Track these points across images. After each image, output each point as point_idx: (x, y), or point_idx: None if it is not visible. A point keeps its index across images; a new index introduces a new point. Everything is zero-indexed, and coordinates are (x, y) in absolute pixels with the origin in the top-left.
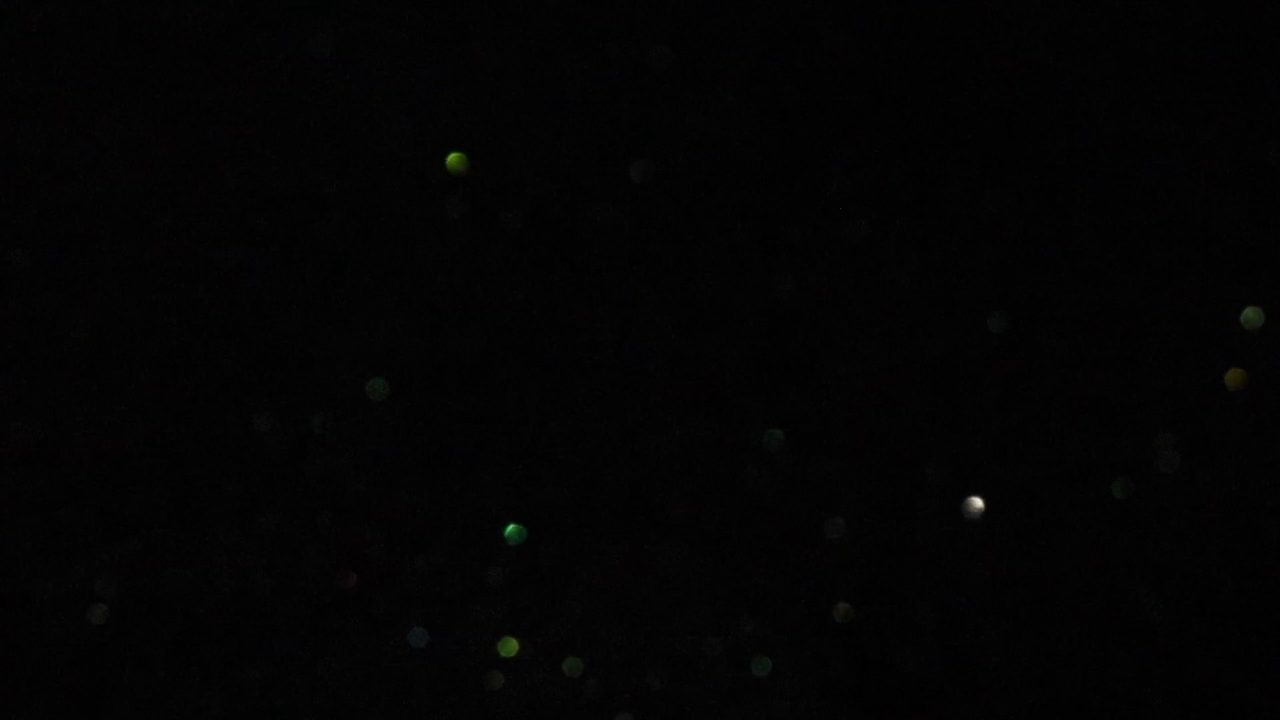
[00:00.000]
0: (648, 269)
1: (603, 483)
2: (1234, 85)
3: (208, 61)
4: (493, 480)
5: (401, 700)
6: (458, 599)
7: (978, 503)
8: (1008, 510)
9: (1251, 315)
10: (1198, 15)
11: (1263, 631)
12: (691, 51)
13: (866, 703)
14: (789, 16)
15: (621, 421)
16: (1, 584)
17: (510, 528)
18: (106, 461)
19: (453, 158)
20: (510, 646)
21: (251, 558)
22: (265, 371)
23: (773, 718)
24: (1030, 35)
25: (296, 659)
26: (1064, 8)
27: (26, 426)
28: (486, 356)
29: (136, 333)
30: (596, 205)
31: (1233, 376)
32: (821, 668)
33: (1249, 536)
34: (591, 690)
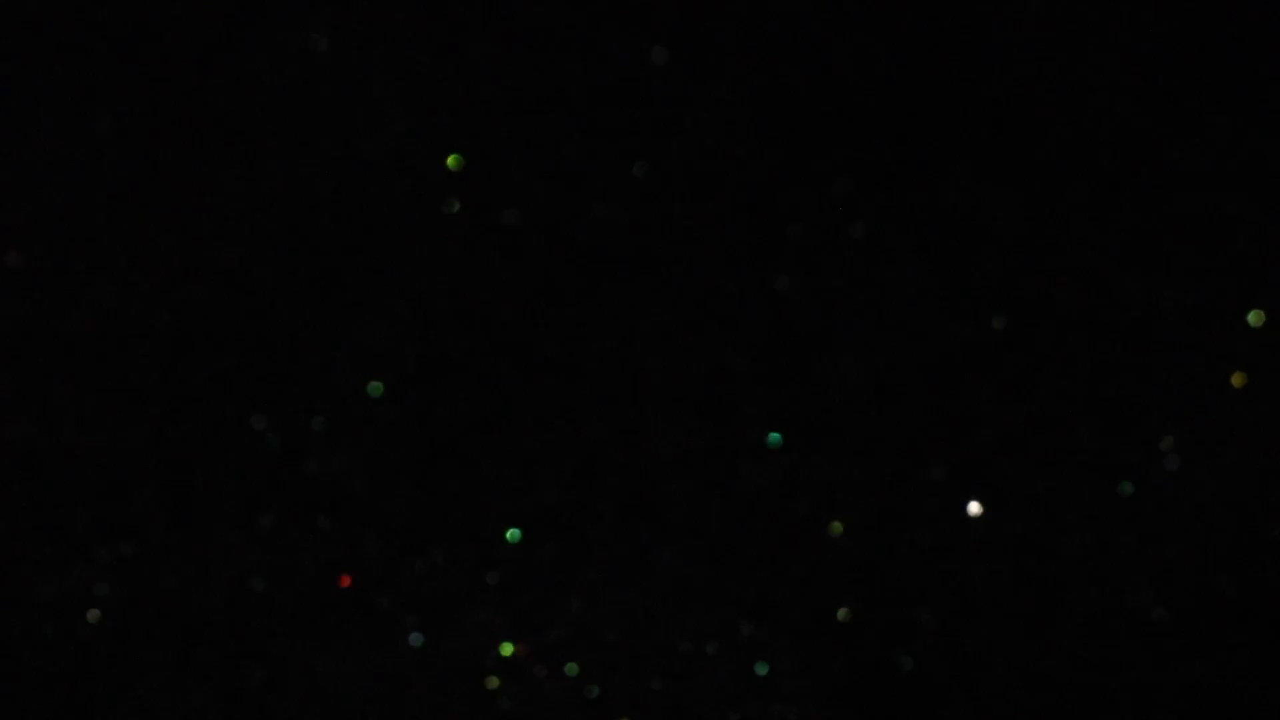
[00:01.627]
0: (648, 269)
1: (603, 483)
2: (1234, 85)
3: (208, 61)
4: (492, 480)
5: (401, 700)
6: (457, 600)
7: (975, 506)
8: (1008, 510)
9: (1251, 319)
10: (1197, 15)
11: (1263, 631)
12: (691, 51)
13: (866, 703)
14: (789, 16)
15: (621, 421)
16: (0, 584)
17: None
18: (105, 461)
19: (452, 159)
20: (509, 647)
21: (250, 558)
22: (264, 371)
23: (773, 718)
24: (1030, 35)
25: (295, 659)
26: (1064, 8)
27: (25, 426)
28: (486, 356)
29: (135, 333)
30: (596, 204)
31: (1234, 378)
32: (821, 668)
33: (1249, 536)
34: (592, 691)
